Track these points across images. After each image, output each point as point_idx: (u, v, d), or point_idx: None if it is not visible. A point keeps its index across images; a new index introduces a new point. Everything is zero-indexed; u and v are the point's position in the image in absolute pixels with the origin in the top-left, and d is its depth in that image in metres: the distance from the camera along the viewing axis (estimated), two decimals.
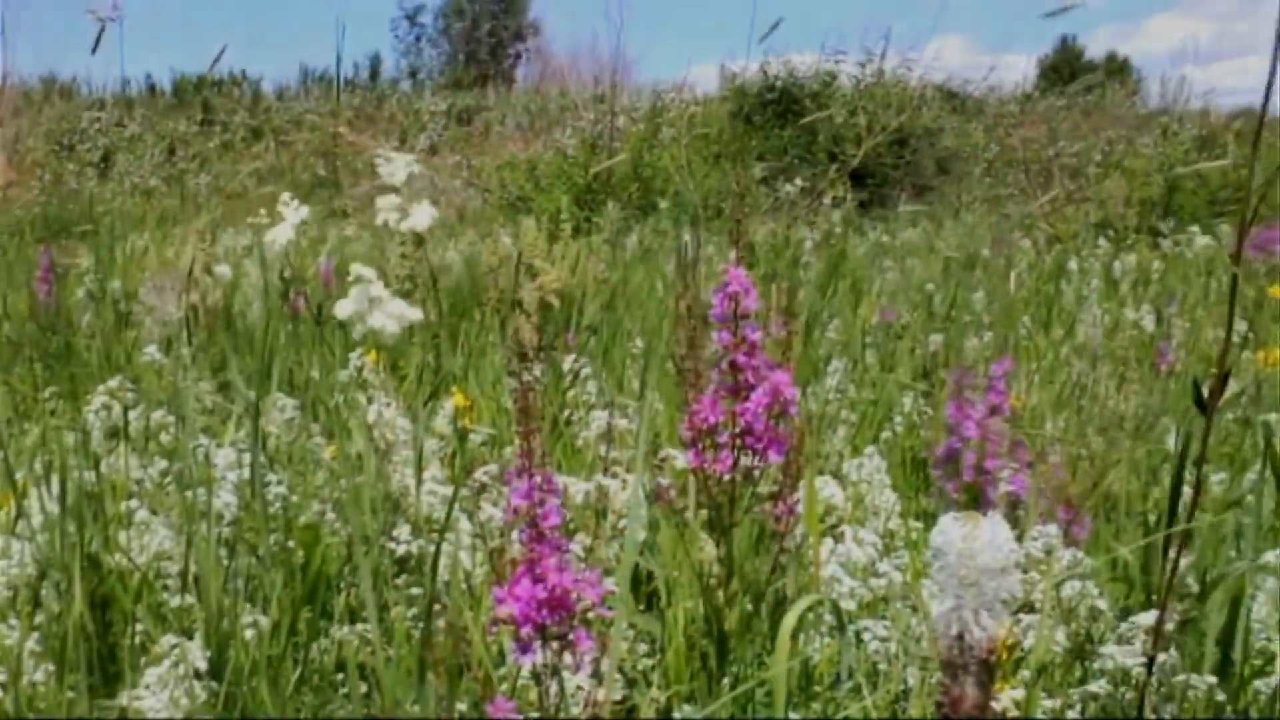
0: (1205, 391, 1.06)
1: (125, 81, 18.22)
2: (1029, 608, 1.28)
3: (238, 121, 16.89)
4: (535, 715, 0.90)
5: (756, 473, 1.09)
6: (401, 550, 1.52)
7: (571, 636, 0.84)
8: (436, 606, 1.11)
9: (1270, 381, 2.40)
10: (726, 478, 1.07)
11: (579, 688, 0.87)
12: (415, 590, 1.46)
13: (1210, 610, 1.20)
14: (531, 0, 23.74)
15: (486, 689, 0.82)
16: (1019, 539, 1.35)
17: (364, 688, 1.29)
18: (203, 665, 1.13)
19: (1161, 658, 1.11)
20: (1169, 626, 1.13)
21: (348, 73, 20.07)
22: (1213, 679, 1.10)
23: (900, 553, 1.45)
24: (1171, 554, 1.10)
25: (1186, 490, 1.11)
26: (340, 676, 1.36)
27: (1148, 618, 1.16)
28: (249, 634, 1.29)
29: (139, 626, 1.36)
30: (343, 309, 2.18)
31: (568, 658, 0.86)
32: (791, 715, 1.14)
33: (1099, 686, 1.15)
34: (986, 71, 15.82)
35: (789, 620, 0.88)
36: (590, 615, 0.87)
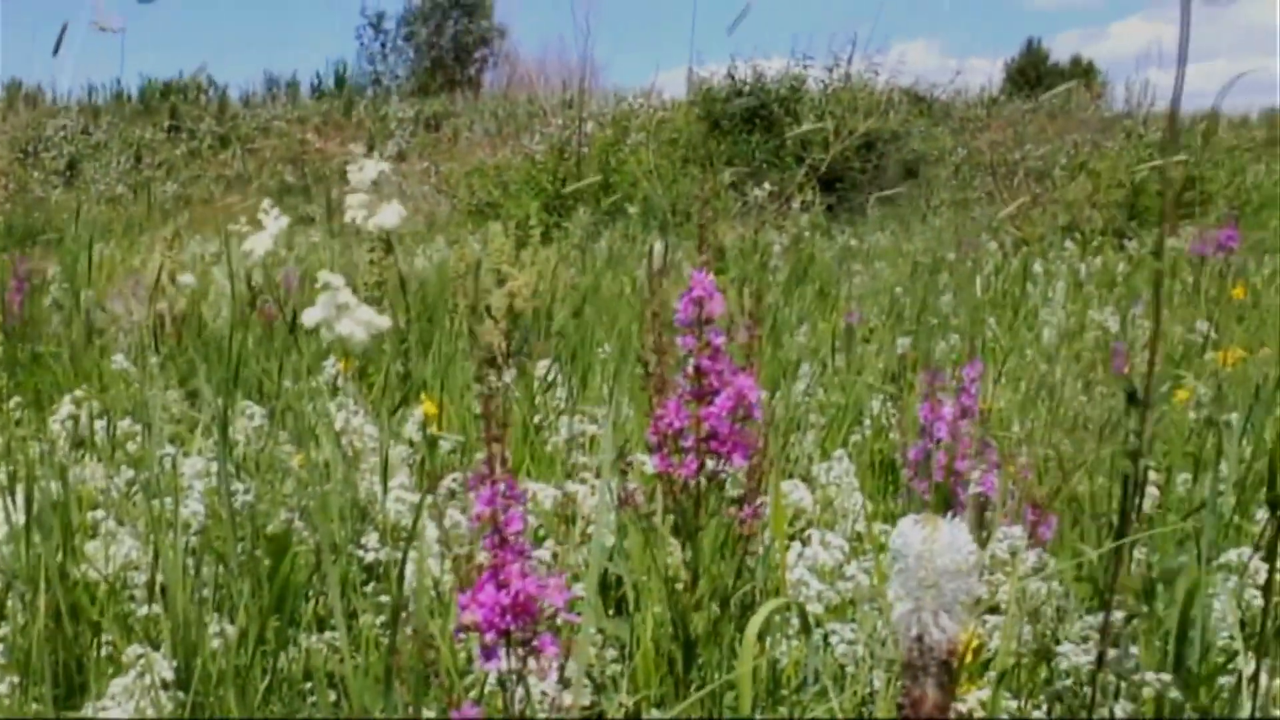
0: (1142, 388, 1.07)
1: (91, 88, 18.13)
2: (994, 609, 1.29)
3: (205, 129, 16.83)
4: None
5: (723, 476, 1.09)
6: (370, 558, 1.52)
7: (536, 642, 0.85)
8: (402, 614, 1.11)
9: (1230, 381, 2.42)
10: (692, 482, 1.08)
11: (544, 693, 0.87)
12: (384, 598, 1.46)
13: (1169, 609, 1.21)
14: (496, 6, 23.69)
15: (451, 695, 0.82)
16: (987, 540, 1.36)
17: (333, 696, 1.29)
18: (169, 675, 1.12)
19: (1112, 652, 1.12)
20: (1119, 625, 1.14)
21: (313, 80, 20.03)
22: (1167, 677, 1.11)
23: (868, 556, 1.46)
24: (1129, 553, 1.11)
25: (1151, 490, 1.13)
26: (309, 685, 1.36)
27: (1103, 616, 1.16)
28: (215, 643, 1.28)
29: (106, 637, 1.35)
30: (310, 316, 2.17)
31: (534, 663, 0.86)
32: (758, 718, 1.14)
33: (1063, 686, 1.16)
34: (953, 75, 15.95)
35: (754, 624, 0.88)
36: (557, 621, 0.87)
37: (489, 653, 0.84)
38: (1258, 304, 3.80)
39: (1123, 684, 1.12)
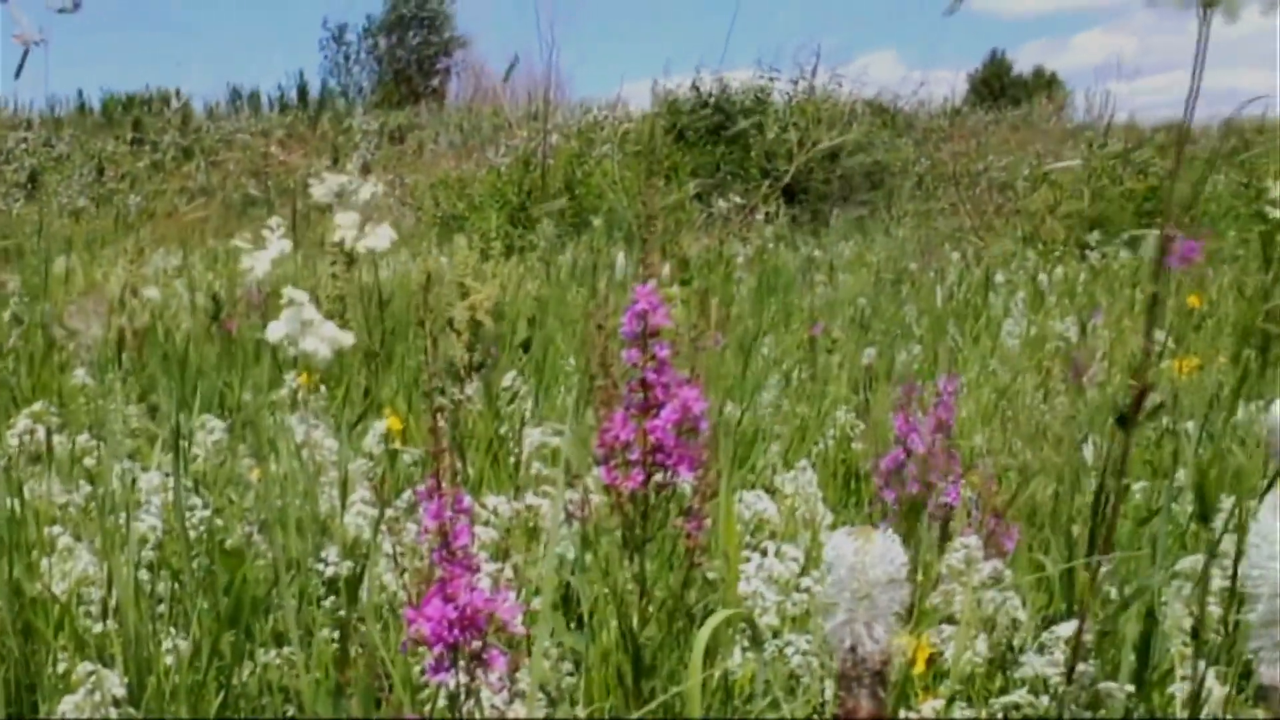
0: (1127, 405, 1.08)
1: (53, 101, 18.02)
2: (950, 619, 1.29)
3: (168, 141, 16.74)
4: None
5: (672, 489, 1.09)
6: (329, 572, 1.51)
7: (485, 655, 0.85)
8: (360, 628, 1.11)
9: (1186, 390, 2.44)
10: (640, 495, 1.07)
11: (494, 707, 0.87)
12: (343, 612, 1.46)
13: (1128, 618, 1.22)
14: (459, 17, 23.63)
15: (399, 710, 0.82)
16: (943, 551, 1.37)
17: (290, 711, 1.28)
18: (121, 692, 1.11)
19: (1080, 666, 1.13)
20: (1088, 636, 1.14)
21: (274, 92, 19.99)
22: (1130, 686, 1.12)
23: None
24: (1095, 564, 1.12)
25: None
26: (265, 701, 1.35)
27: (1066, 628, 1.17)
28: (169, 659, 1.27)
29: (60, 655, 1.34)
30: (273, 332, 2.15)
31: (488, 677, 0.86)
32: None
33: (1019, 696, 1.16)
34: (916, 86, 15.99)
35: (702, 635, 0.89)
36: (510, 634, 0.87)
37: (437, 666, 0.84)
38: (1214, 313, 3.84)
39: (1085, 693, 1.13)
